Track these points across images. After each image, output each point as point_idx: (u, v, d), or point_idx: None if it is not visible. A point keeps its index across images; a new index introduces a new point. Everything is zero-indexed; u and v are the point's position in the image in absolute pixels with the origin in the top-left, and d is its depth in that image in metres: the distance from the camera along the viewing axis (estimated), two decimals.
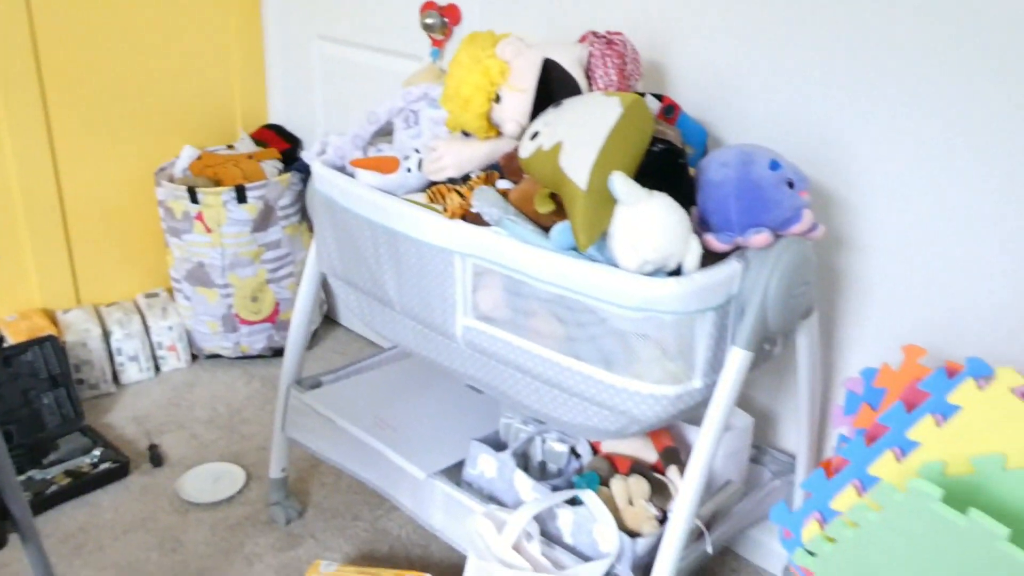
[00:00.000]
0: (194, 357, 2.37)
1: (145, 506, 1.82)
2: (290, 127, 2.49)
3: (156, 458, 1.94)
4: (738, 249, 1.18)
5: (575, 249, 1.15)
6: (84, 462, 1.89)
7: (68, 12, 2.11)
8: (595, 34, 1.36)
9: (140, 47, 2.24)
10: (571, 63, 1.33)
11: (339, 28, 2.23)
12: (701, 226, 1.20)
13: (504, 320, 1.27)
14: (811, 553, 1.05)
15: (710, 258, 1.16)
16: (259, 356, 2.35)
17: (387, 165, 1.40)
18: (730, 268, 1.13)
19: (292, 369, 1.70)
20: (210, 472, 1.92)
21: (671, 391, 1.15)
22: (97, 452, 1.92)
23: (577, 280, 1.14)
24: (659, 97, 1.42)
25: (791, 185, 1.17)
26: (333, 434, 1.62)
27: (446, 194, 1.31)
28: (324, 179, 1.47)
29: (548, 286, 1.18)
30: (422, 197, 1.36)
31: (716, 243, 1.16)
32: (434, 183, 1.37)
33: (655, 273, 1.11)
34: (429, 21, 1.94)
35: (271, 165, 2.29)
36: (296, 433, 1.71)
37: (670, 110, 1.42)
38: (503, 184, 1.32)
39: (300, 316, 1.66)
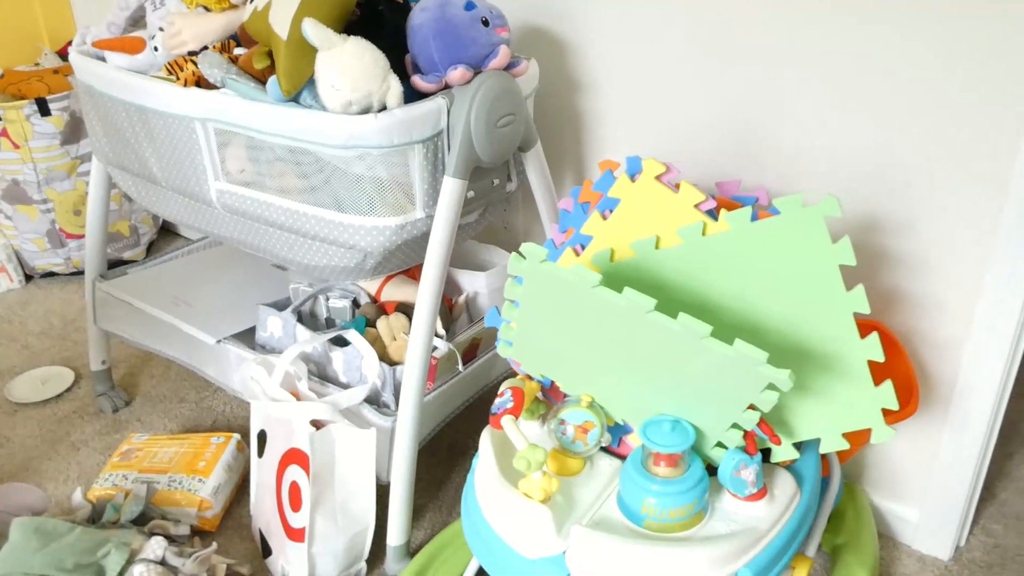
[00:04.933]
0: (29, 277, 2.40)
1: None
2: None
3: None
4: (448, 88, 1.28)
5: (295, 101, 1.24)
6: None
7: None
8: None
9: None
10: None
11: None
12: (414, 70, 1.30)
13: (251, 180, 1.35)
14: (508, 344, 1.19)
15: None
16: None
17: (133, 45, 1.44)
18: (432, 104, 1.23)
19: (95, 262, 1.76)
20: (39, 375, 1.98)
21: (393, 222, 1.26)
22: None
23: (292, 127, 1.23)
24: None
25: (486, 23, 1.26)
26: (135, 317, 1.70)
27: (183, 65, 1.37)
28: (81, 68, 1.51)
29: (275, 138, 1.27)
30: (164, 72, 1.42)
31: (423, 84, 1.26)
32: None
33: (363, 114, 1.21)
34: None
35: None
36: (106, 324, 1.78)
37: None
38: (239, 51, 1.39)
39: (94, 208, 1.72)
